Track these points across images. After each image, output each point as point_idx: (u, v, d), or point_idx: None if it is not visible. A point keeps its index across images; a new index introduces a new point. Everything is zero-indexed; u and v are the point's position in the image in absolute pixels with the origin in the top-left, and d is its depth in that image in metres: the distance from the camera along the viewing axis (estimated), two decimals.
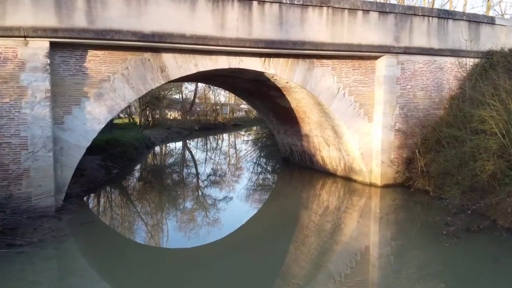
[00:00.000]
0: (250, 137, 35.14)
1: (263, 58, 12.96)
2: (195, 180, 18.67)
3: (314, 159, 18.02)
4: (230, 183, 17.98)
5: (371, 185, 14.93)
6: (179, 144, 36.90)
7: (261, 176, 19.99)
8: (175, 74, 12.04)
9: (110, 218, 11.73)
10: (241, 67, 12.69)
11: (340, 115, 14.22)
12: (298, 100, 15.43)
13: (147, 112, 38.24)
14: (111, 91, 11.46)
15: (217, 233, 10.49)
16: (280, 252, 8.72)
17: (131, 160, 21.14)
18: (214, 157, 27.06)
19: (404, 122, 14.78)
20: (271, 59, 13.07)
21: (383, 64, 14.40)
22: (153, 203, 13.89)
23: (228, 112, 61.80)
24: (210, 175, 19.74)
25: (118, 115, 48.95)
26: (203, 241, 9.74)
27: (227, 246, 9.41)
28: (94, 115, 11.35)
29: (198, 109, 55.56)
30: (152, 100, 36.05)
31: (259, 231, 10.72)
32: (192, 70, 12.17)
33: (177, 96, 49.87)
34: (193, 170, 21.53)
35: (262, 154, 25.97)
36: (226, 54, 12.46)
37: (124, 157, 19.86)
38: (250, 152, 27.53)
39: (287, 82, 13.97)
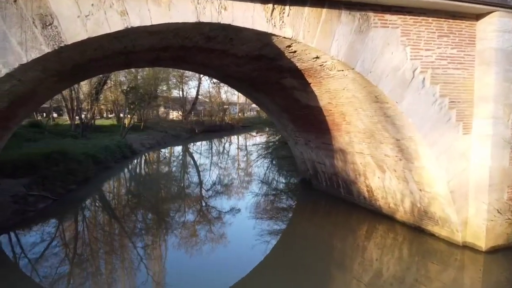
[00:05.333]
0: (261, 139, 28.54)
1: (270, 5, 6.38)
2: (174, 217, 12.20)
3: (354, 188, 11.35)
4: (225, 215, 12.06)
5: (465, 246, 8.51)
6: (174, 151, 30.58)
7: (269, 205, 13.72)
8: (77, 34, 5.52)
9: None
10: (224, 22, 6.13)
11: (417, 121, 7.60)
12: (334, 93, 8.77)
13: (138, 111, 32.08)
14: None
15: None
16: None
17: (85, 182, 14.71)
18: (212, 173, 20.55)
19: None
20: (286, 7, 6.48)
21: (493, 28, 7.86)
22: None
23: (237, 112, 55.32)
24: (201, 203, 13.40)
25: (105, 114, 42.69)
26: None
27: None
28: None
29: (207, 108, 49.25)
30: (142, 98, 29.92)
31: None
32: (116, 25, 5.64)
33: (177, 94, 43.60)
34: (176, 199, 14.90)
35: (272, 171, 19.33)
36: None
37: (69, 179, 13.49)
38: (257, 167, 20.91)
39: (316, 58, 7.33)
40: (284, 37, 6.52)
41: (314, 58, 7.27)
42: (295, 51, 7.19)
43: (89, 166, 15.70)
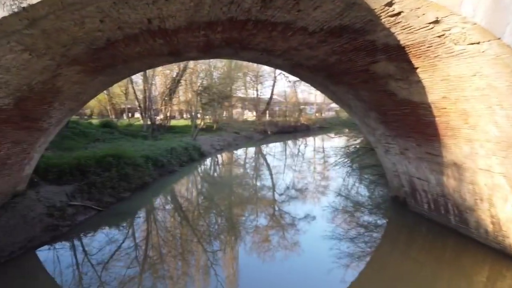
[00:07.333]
0: (340, 142, 25.61)
1: None
2: (239, 237, 10.13)
3: (472, 217, 8.20)
4: (298, 229, 10.37)
5: None
6: (245, 153, 28.84)
7: (351, 222, 11.02)
8: None
9: None
10: None
11: None
12: (456, 82, 5.88)
13: (211, 112, 31.00)
14: None
15: None
16: None
17: (141, 188, 13.25)
18: (285, 177, 18.23)
19: None
20: None
21: None
22: None
23: (314, 112, 52.35)
24: (271, 219, 11.21)
25: (185, 115, 42.73)
26: None
27: None
28: None
29: (283, 108, 47.23)
30: (215, 98, 28.71)
31: None
32: None
33: (252, 94, 42.09)
34: (242, 212, 12.72)
35: (354, 181, 16.39)
36: None
37: (121, 186, 12.09)
38: (336, 172, 18.11)
39: (434, 23, 4.60)
40: None
41: (430, 23, 4.54)
42: (398, 13, 4.53)
43: (147, 170, 14.29)
